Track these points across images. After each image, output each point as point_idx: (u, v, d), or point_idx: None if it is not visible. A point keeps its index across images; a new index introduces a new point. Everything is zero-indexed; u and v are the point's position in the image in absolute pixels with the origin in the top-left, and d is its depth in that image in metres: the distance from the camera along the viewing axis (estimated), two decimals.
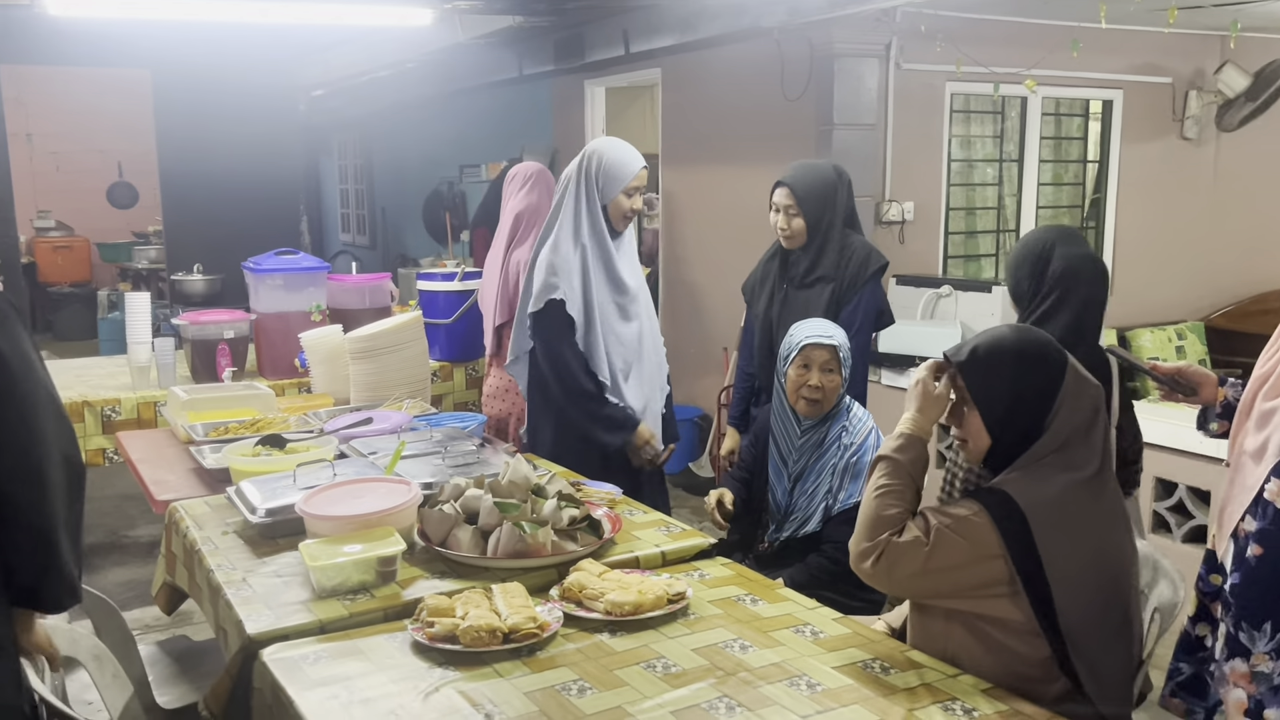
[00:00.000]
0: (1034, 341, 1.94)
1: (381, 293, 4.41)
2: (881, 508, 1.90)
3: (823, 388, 2.75)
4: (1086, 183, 6.24)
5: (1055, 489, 1.83)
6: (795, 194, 3.17)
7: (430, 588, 2.08)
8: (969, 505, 1.85)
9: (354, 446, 2.85)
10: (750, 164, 5.63)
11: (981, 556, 1.80)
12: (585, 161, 3.11)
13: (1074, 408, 1.88)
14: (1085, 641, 1.79)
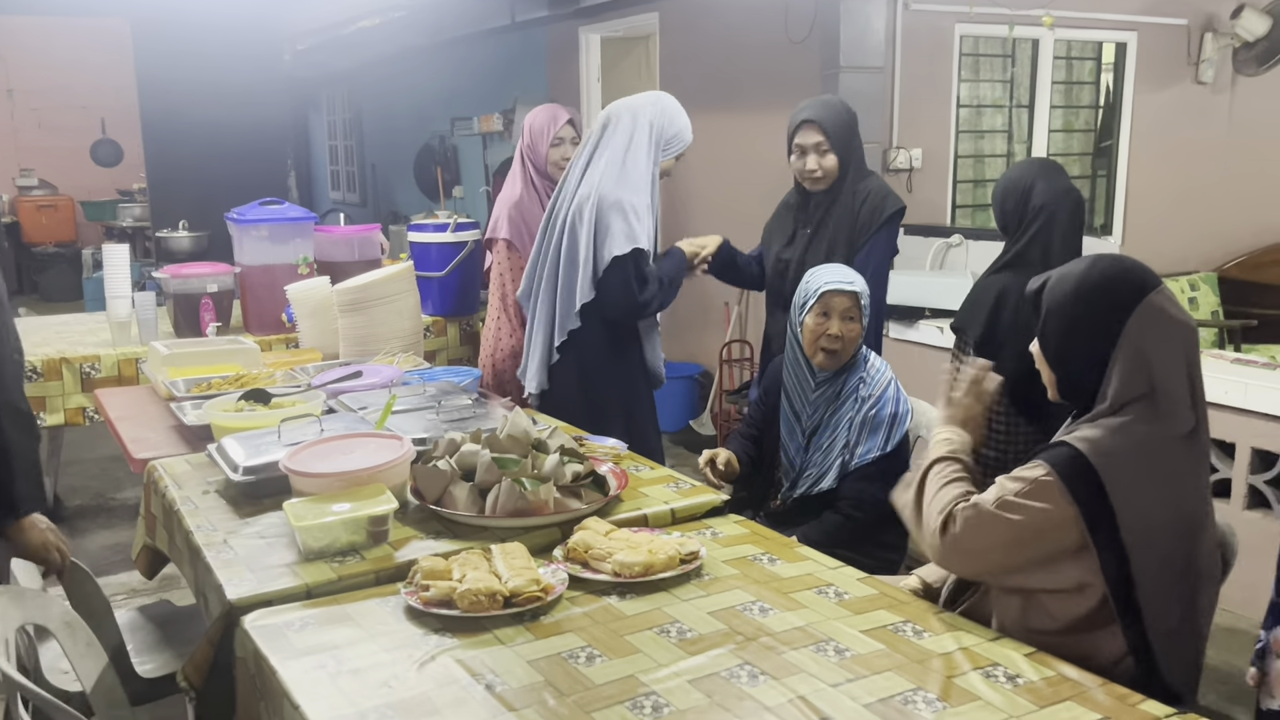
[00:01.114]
0: (1101, 274, 1.77)
1: (371, 244, 4.25)
2: (945, 491, 1.78)
3: (842, 337, 2.60)
4: (1098, 129, 6.06)
5: (1133, 443, 1.67)
6: (825, 130, 3.00)
7: (425, 549, 1.94)
8: (1036, 466, 1.70)
9: (343, 401, 2.70)
10: (752, 110, 5.44)
11: (1054, 521, 1.66)
12: (656, 114, 3.04)
13: (1146, 354, 1.71)
14: (1159, 612, 1.66)
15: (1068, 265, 1.85)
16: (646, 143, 3.01)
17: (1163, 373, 1.71)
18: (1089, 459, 1.65)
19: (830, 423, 2.63)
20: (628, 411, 3.04)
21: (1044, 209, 2.77)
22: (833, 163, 3.03)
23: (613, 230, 2.90)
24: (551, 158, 3.45)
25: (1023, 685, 1.49)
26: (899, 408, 2.60)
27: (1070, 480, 1.65)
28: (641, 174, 2.98)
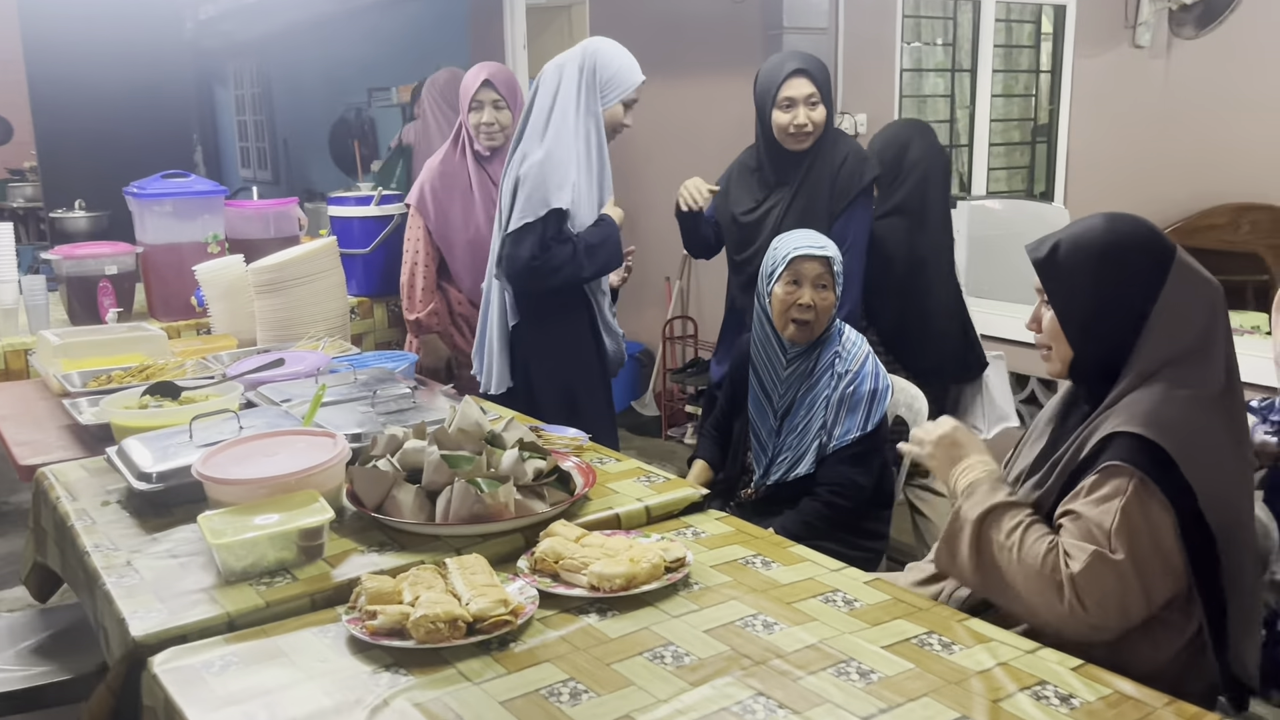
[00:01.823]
0: (1127, 233, 1.59)
1: (288, 220, 3.91)
2: (1034, 556, 1.53)
3: (815, 306, 2.38)
4: (1040, 95, 5.95)
5: (1184, 411, 1.51)
6: (815, 79, 2.79)
7: (367, 564, 1.67)
8: (1105, 477, 1.50)
9: (263, 394, 2.40)
10: (693, 75, 5.19)
11: (1155, 522, 1.47)
12: (585, 59, 2.74)
13: (1182, 314, 1.55)
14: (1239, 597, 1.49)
15: (1075, 228, 1.65)
16: (575, 92, 2.72)
17: (1201, 333, 1.56)
18: (1146, 435, 1.47)
19: (804, 401, 2.42)
20: (576, 399, 2.79)
21: (920, 163, 3.04)
22: (822, 116, 2.84)
23: (530, 197, 2.64)
24: (471, 122, 3.23)
25: (1080, 707, 1.29)
26: (878, 383, 2.40)
27: (1154, 474, 1.47)
28: (570, 129, 2.70)
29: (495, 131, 3.22)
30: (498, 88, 3.20)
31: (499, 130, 3.22)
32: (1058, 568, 1.50)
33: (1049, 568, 1.50)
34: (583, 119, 2.71)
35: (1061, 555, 1.50)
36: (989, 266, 4.52)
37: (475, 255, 3.26)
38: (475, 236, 3.26)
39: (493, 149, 3.25)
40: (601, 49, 2.77)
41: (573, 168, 2.67)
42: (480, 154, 3.26)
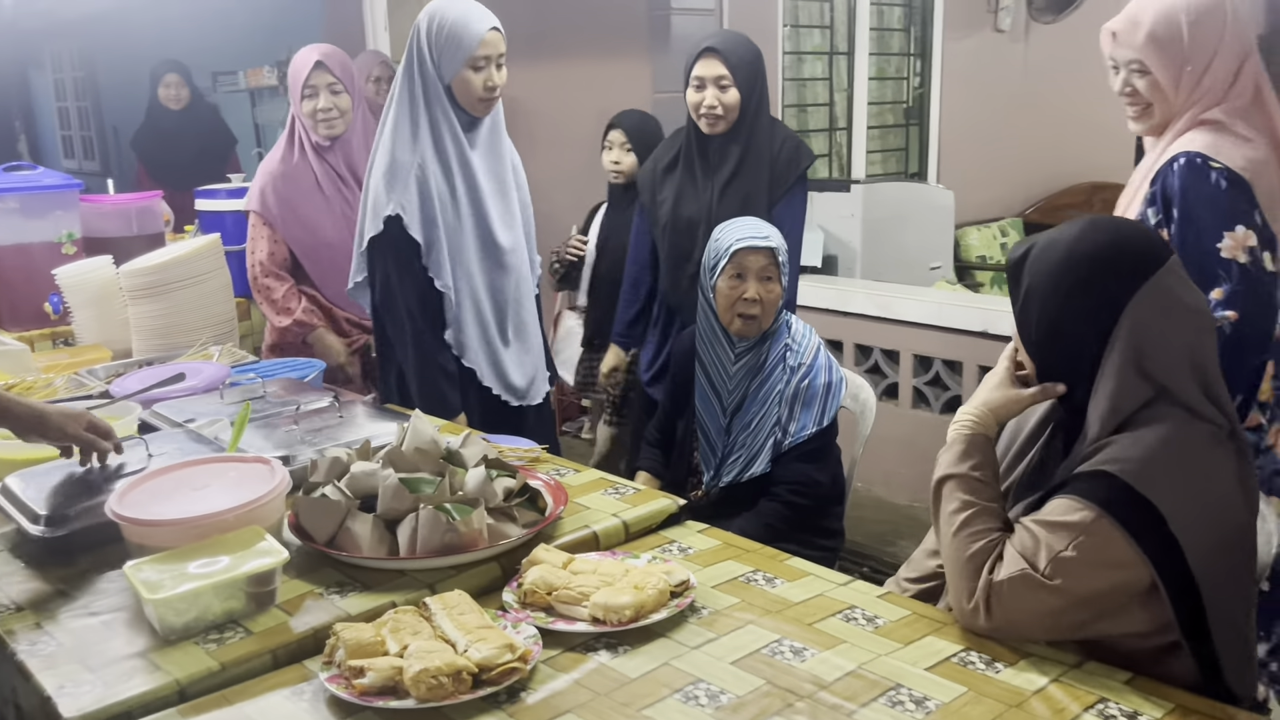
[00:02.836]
0: (1098, 244, 1.44)
1: (152, 215, 3.56)
2: (966, 544, 1.42)
3: (761, 300, 2.27)
4: (909, 76, 6.02)
5: (1173, 455, 1.36)
6: (727, 60, 2.67)
7: (329, 609, 1.47)
8: (1074, 506, 1.36)
9: (161, 413, 2.13)
10: (571, 59, 5.01)
11: (1113, 567, 1.34)
12: (415, 33, 2.42)
13: (1154, 337, 1.40)
14: (1228, 630, 1.39)
15: (1055, 231, 1.52)
16: (414, 66, 2.40)
17: (1172, 369, 1.41)
18: (1133, 485, 1.33)
19: (756, 397, 2.30)
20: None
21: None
22: (734, 99, 2.70)
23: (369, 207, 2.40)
24: (305, 111, 2.94)
25: None
26: (832, 376, 2.31)
27: (1123, 516, 1.33)
28: (403, 113, 2.40)
29: (334, 119, 2.94)
30: (332, 70, 2.92)
31: (338, 116, 2.94)
32: (982, 566, 1.41)
33: (976, 563, 1.41)
34: (417, 94, 2.40)
35: (993, 557, 1.41)
36: (884, 249, 4.53)
37: (337, 257, 3.00)
38: (334, 237, 2.98)
39: (333, 138, 2.97)
40: (434, 10, 2.41)
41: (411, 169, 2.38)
42: (320, 145, 2.97)
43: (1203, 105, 1.93)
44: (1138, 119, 2.00)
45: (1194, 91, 1.93)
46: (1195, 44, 1.90)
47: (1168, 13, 1.91)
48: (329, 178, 3.01)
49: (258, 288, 2.97)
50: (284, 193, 2.97)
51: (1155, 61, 1.92)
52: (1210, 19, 1.90)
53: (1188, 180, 1.88)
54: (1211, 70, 1.91)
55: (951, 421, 1.54)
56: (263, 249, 2.96)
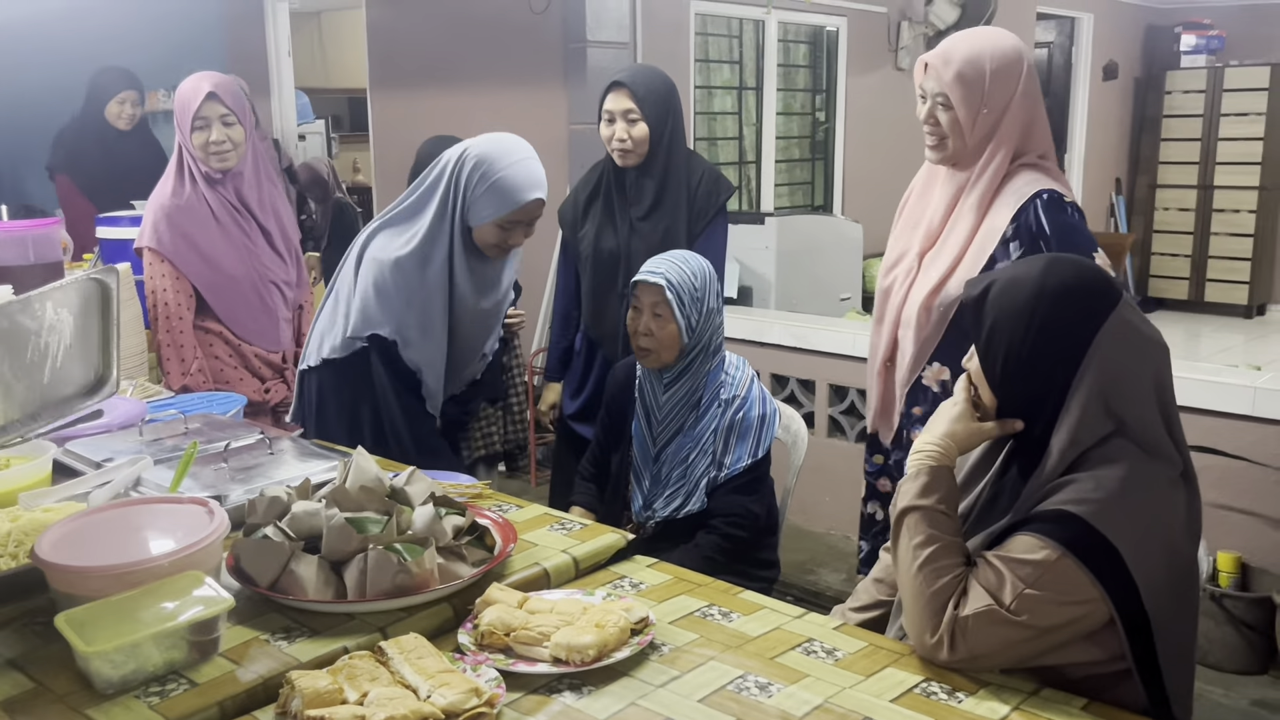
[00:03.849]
0: (1064, 280, 1.49)
1: (50, 244, 3.38)
2: (930, 579, 1.44)
3: (653, 334, 2.28)
4: (816, 113, 6.17)
5: (1129, 493, 1.40)
6: (635, 94, 2.68)
7: (276, 657, 1.41)
8: (1038, 545, 1.39)
9: (75, 452, 2.03)
10: (486, 87, 5.00)
11: (1074, 603, 1.38)
12: (457, 161, 2.28)
13: (1121, 373, 1.45)
14: (1176, 662, 1.44)
15: (1015, 268, 1.58)
16: (444, 193, 2.28)
17: (1134, 402, 1.46)
18: (1095, 525, 1.37)
19: (692, 433, 2.31)
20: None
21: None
22: (642, 133, 2.71)
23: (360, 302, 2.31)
24: (196, 143, 2.81)
25: None
26: (766, 408, 2.33)
27: (1087, 558, 1.37)
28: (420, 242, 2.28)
29: (228, 151, 2.83)
30: (224, 100, 2.82)
31: (231, 149, 2.83)
32: (947, 602, 1.43)
33: (941, 598, 1.44)
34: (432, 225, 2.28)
35: (957, 592, 1.44)
36: (797, 280, 4.61)
37: (243, 289, 2.92)
38: (237, 270, 2.90)
39: (225, 170, 2.87)
40: (487, 156, 2.26)
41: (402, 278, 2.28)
42: (211, 176, 2.87)
43: (1006, 148, 2.06)
44: (934, 149, 2.13)
45: (988, 133, 2.06)
46: (994, 90, 2.04)
47: (975, 57, 2.04)
48: (224, 209, 2.90)
49: (169, 339, 2.83)
50: (181, 226, 2.84)
51: (958, 99, 2.05)
52: (1008, 70, 2.04)
53: (1053, 215, 2.01)
54: (1008, 117, 2.05)
55: (912, 450, 1.57)
56: (167, 289, 2.82)
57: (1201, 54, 8.42)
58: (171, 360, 2.82)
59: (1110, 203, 8.72)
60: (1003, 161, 2.05)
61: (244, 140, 2.86)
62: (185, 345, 2.82)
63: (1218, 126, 8.36)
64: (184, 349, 2.82)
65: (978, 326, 1.55)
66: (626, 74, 2.75)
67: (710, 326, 2.34)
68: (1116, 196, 8.76)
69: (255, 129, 3.03)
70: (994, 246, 2.03)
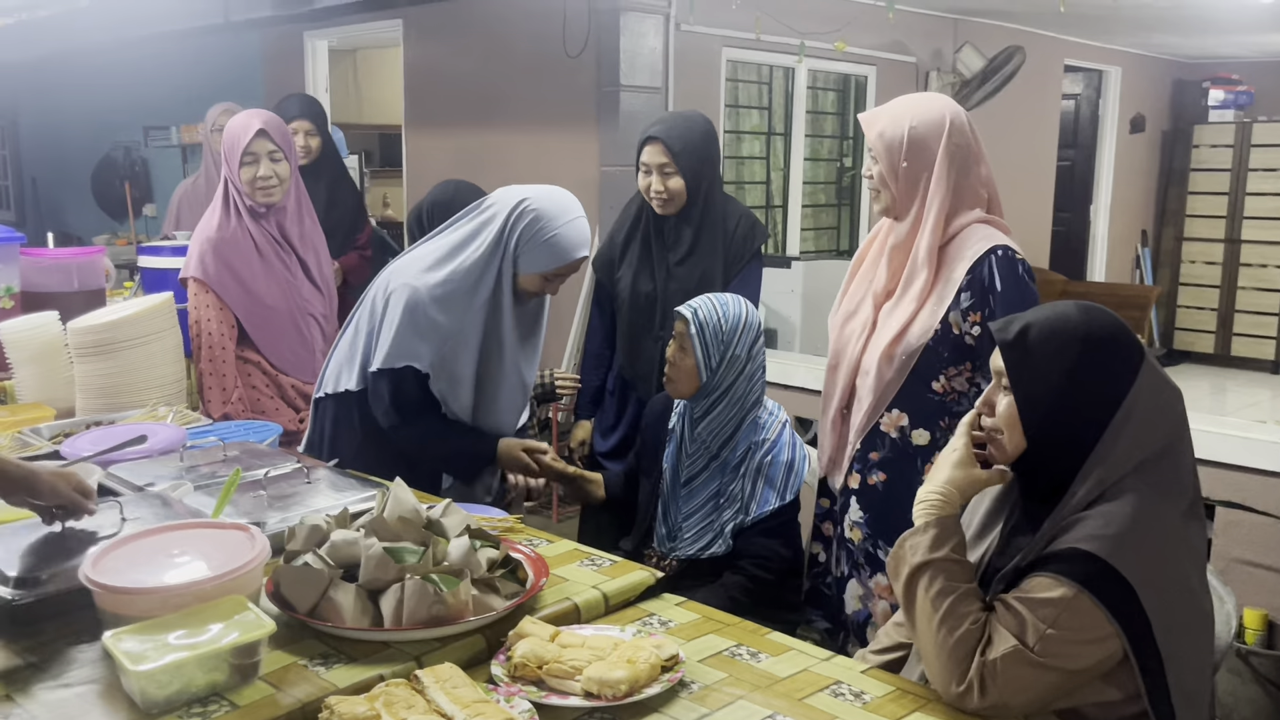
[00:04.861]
0: (1104, 325, 1.54)
1: (94, 271, 3.48)
2: (952, 628, 1.46)
3: (676, 364, 2.33)
4: (843, 159, 6.23)
5: (1145, 531, 1.44)
6: (670, 149, 2.72)
7: (315, 683, 1.44)
8: (1054, 584, 1.42)
9: (119, 475, 2.08)
10: (522, 127, 5.09)
11: (1094, 641, 1.41)
12: (519, 212, 2.32)
13: (1149, 416, 1.50)
14: (1193, 707, 1.45)
15: (1046, 312, 1.60)
16: (494, 240, 2.32)
17: (1167, 438, 1.51)
18: (1112, 564, 1.40)
19: (723, 478, 2.33)
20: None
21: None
22: (678, 186, 2.76)
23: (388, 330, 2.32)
24: (244, 178, 2.89)
25: None
26: (795, 454, 2.35)
27: (1103, 594, 1.40)
28: (461, 277, 2.32)
29: (274, 186, 2.92)
30: (274, 137, 2.91)
31: (277, 184, 2.92)
32: (973, 649, 1.45)
33: (966, 645, 1.45)
34: (479, 272, 2.32)
35: (982, 639, 1.46)
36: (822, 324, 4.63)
37: (281, 321, 2.99)
38: (278, 302, 2.97)
39: (270, 205, 2.95)
40: (542, 210, 2.32)
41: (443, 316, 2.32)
42: (255, 210, 2.94)
43: (939, 203, 2.14)
44: (874, 200, 2.26)
45: (914, 187, 2.15)
46: (913, 148, 2.14)
47: (896, 117, 2.17)
48: (267, 242, 2.98)
49: (212, 368, 2.89)
50: (225, 258, 2.91)
51: (880, 153, 2.17)
52: (928, 131, 2.14)
53: (1004, 272, 2.11)
54: (934, 174, 2.14)
55: (916, 501, 1.60)
56: (211, 319, 2.88)
57: (1229, 109, 8.46)
58: (213, 389, 2.87)
59: (1136, 255, 8.73)
60: (939, 215, 2.14)
61: (289, 176, 2.94)
62: (227, 374, 2.88)
63: (1246, 181, 8.37)
64: (226, 378, 2.87)
65: (1018, 371, 1.57)
66: (661, 127, 2.78)
67: (735, 373, 2.33)
68: (1142, 249, 8.77)
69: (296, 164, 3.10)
70: (951, 296, 2.13)
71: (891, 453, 2.22)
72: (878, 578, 2.25)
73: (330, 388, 2.45)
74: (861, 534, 2.26)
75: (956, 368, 2.16)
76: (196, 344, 2.91)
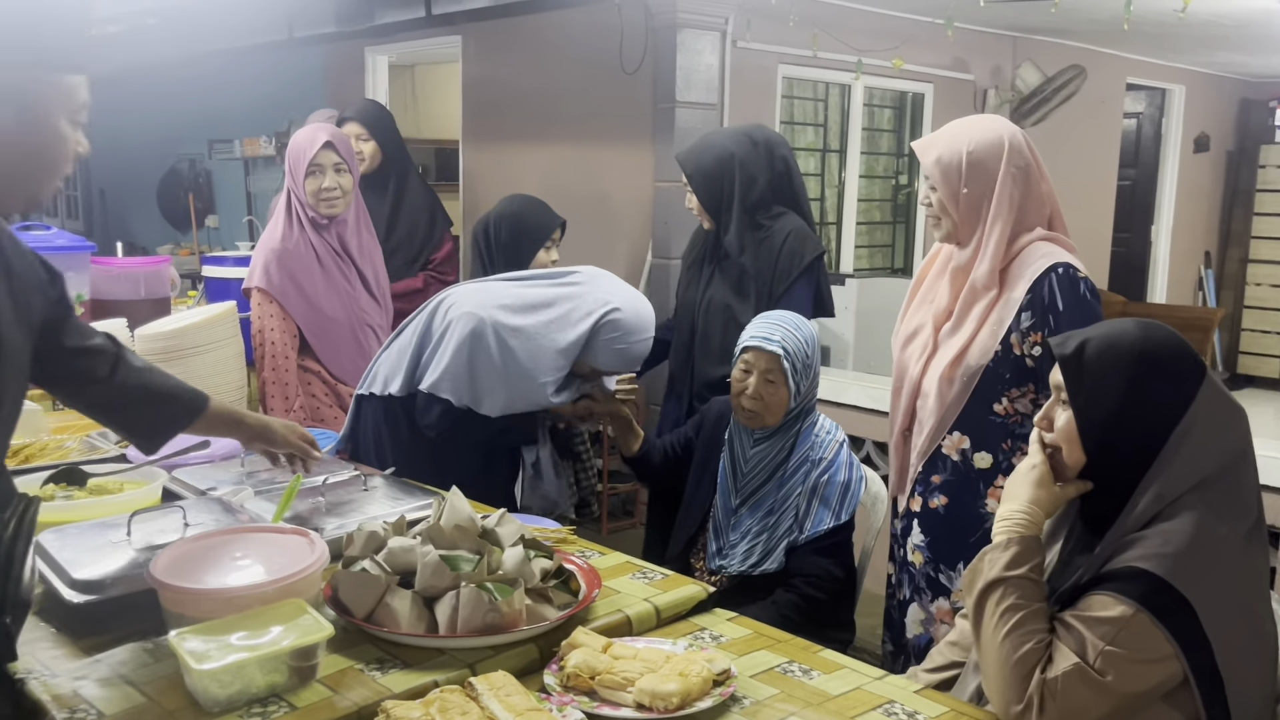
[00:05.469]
0: (1163, 342, 1.53)
1: (160, 280, 3.58)
2: (1015, 645, 1.44)
3: (762, 399, 2.32)
4: (898, 177, 6.20)
5: (1205, 551, 1.42)
6: (685, 169, 2.87)
7: (370, 687, 1.46)
8: (1113, 602, 1.40)
9: (182, 480, 2.13)
10: (579, 141, 5.13)
11: (1153, 662, 1.39)
12: (605, 319, 2.35)
13: (1210, 435, 1.48)
14: None
15: (1105, 329, 1.59)
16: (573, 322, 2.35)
17: (1228, 457, 1.49)
18: (1168, 580, 1.39)
19: (778, 494, 2.33)
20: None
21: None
22: (696, 203, 2.90)
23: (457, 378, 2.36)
24: (309, 189, 2.96)
25: None
26: (851, 474, 2.35)
27: (1162, 614, 1.38)
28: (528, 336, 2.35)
29: (337, 198, 2.98)
30: (339, 150, 2.98)
31: (340, 196, 2.98)
32: (1034, 667, 1.43)
33: (1028, 663, 1.44)
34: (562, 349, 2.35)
35: (1043, 658, 1.44)
36: (875, 342, 4.61)
37: (341, 331, 3.04)
38: (338, 312, 3.03)
39: (332, 216, 3.01)
40: (622, 320, 2.35)
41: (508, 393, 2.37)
42: (317, 221, 3.01)
43: (1002, 225, 2.10)
44: (934, 227, 2.22)
45: (976, 211, 2.12)
46: (972, 172, 2.11)
47: (952, 142, 2.13)
48: (328, 253, 3.04)
49: (274, 376, 2.95)
50: (288, 269, 2.98)
51: (938, 180, 2.14)
52: (987, 154, 2.11)
53: (1066, 291, 2.07)
54: (995, 197, 2.11)
55: (997, 518, 1.58)
56: (274, 329, 2.95)
57: None
58: (275, 397, 2.93)
59: (1199, 276, 8.57)
60: (1001, 237, 2.11)
61: (352, 189, 2.99)
62: (289, 383, 2.93)
63: None
64: (288, 386, 2.93)
65: (1076, 386, 1.56)
66: (683, 151, 2.95)
67: (814, 390, 2.39)
68: (1205, 270, 8.60)
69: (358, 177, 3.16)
70: (1012, 317, 2.10)
71: (953, 475, 2.19)
72: (939, 602, 2.23)
73: (377, 388, 2.49)
74: (923, 557, 2.24)
75: (1019, 389, 2.13)
76: (259, 353, 2.97)
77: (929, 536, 2.23)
